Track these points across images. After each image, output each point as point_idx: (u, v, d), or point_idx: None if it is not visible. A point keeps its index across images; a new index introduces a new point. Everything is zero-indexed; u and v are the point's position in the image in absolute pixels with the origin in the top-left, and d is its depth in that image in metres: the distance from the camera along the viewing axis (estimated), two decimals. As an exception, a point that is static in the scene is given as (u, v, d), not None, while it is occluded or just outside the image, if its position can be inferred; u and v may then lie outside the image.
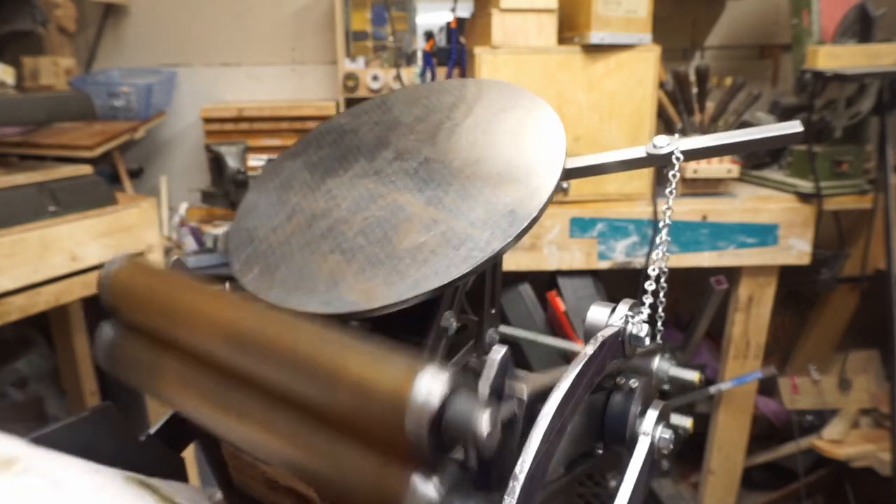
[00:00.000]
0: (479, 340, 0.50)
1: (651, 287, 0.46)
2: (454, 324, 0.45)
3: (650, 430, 0.42)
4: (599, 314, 0.41)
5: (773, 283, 1.48)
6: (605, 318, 0.40)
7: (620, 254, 1.41)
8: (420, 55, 1.81)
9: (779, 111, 1.62)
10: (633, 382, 0.43)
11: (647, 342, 0.41)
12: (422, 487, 0.31)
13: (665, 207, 0.48)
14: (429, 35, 1.82)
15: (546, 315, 1.47)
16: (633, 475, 0.41)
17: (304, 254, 0.44)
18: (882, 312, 1.42)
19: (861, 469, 1.62)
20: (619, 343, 0.40)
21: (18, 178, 1.12)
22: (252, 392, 0.37)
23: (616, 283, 1.65)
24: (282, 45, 2.04)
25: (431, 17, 1.85)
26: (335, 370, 0.33)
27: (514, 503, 0.31)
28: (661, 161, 0.48)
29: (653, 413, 0.43)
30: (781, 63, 2.03)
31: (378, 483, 0.33)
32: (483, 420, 0.30)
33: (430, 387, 0.30)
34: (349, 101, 1.86)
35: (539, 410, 0.34)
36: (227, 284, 0.51)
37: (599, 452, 0.46)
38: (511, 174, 0.44)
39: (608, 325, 0.40)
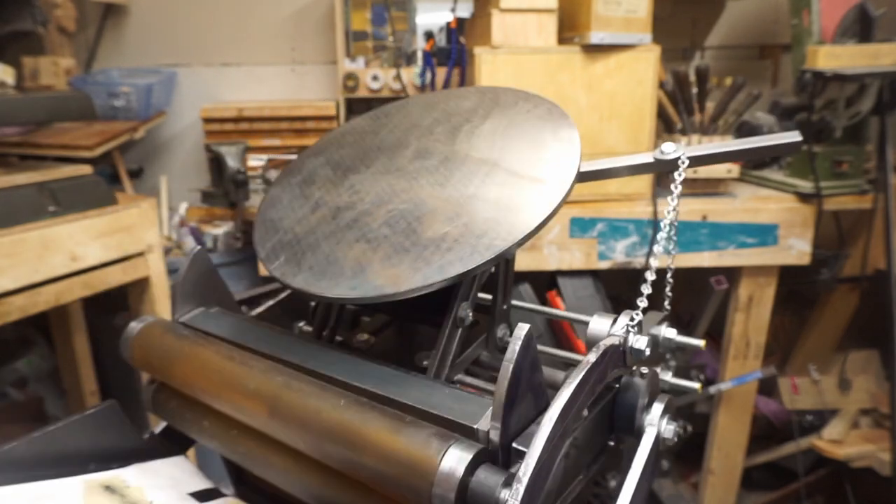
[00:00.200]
0: (491, 335, 0.51)
1: (652, 278, 0.47)
2: (470, 314, 0.47)
3: (656, 422, 0.44)
4: (601, 324, 0.42)
5: (773, 283, 1.48)
6: (607, 329, 0.41)
7: (620, 254, 1.41)
8: (420, 55, 1.81)
9: (779, 111, 1.62)
10: (643, 370, 0.44)
11: (648, 352, 0.42)
12: None
13: (670, 209, 0.48)
14: (429, 35, 1.82)
15: (546, 314, 1.46)
16: (639, 466, 0.42)
17: (330, 243, 0.45)
18: (882, 312, 1.42)
19: (861, 469, 1.62)
20: (621, 353, 0.41)
21: (18, 178, 1.12)
22: (288, 452, 0.42)
23: (616, 283, 1.65)
24: (282, 45, 2.04)
25: (431, 17, 1.85)
26: (372, 442, 0.36)
27: None
28: (668, 167, 0.50)
29: (658, 406, 0.45)
30: (781, 63, 2.03)
31: None
32: (505, 495, 0.32)
33: (458, 458, 0.33)
34: (349, 102, 1.86)
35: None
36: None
37: (611, 444, 0.47)
38: (528, 174, 0.45)
39: (610, 335, 0.41)
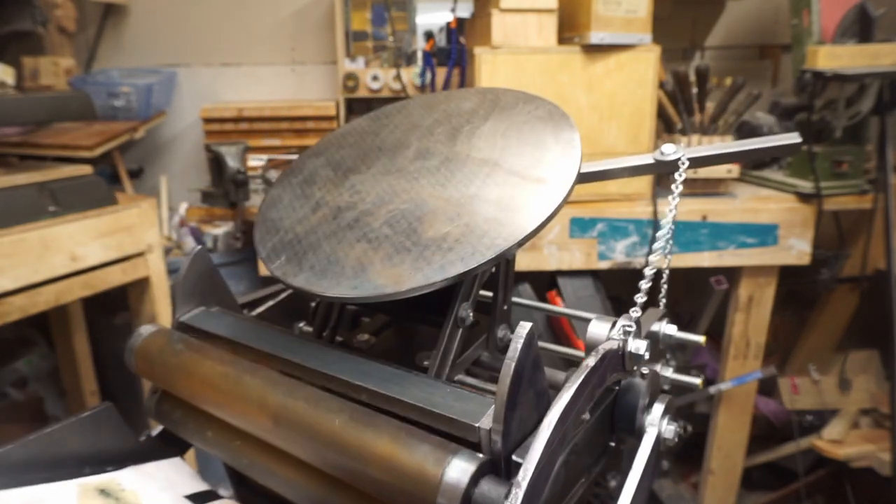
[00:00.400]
0: (492, 336, 0.51)
1: (648, 285, 0.47)
2: (471, 315, 0.47)
3: (657, 423, 0.44)
4: (600, 328, 0.42)
5: (773, 283, 1.48)
6: (606, 332, 0.41)
7: (620, 254, 1.41)
8: (420, 55, 1.80)
9: (779, 111, 1.62)
10: (644, 370, 0.44)
11: (647, 356, 0.42)
12: None
13: (669, 209, 0.49)
14: (429, 35, 1.82)
15: (546, 315, 1.47)
16: (640, 466, 0.43)
17: (331, 242, 0.46)
18: (882, 312, 1.42)
19: (861, 469, 1.62)
20: (620, 356, 0.41)
21: (18, 178, 1.13)
22: (292, 462, 0.42)
23: (616, 283, 1.65)
24: (282, 45, 2.04)
25: (431, 17, 1.85)
26: (376, 453, 0.37)
27: None
28: (669, 168, 0.50)
29: (659, 406, 0.45)
30: (781, 63, 2.03)
31: None
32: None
33: (462, 469, 0.34)
34: (349, 102, 1.86)
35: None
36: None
37: (612, 445, 0.47)
38: (529, 174, 0.45)
39: (609, 339, 0.41)
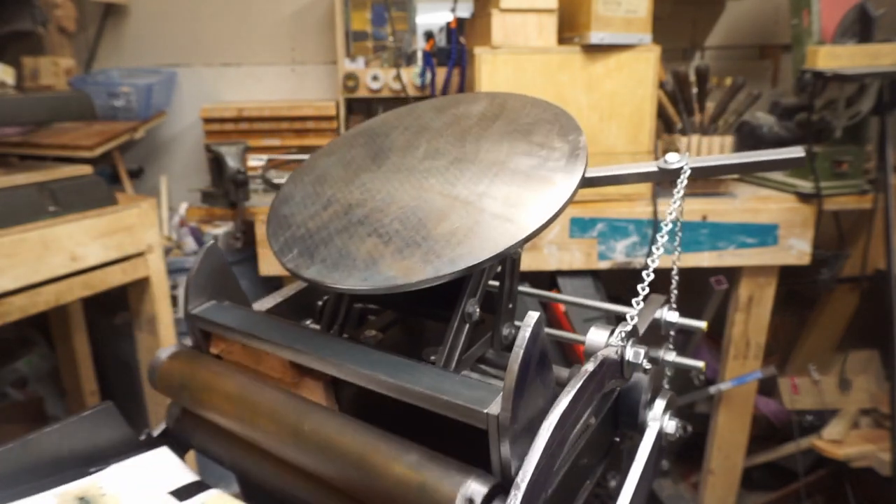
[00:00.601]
0: (496, 334, 0.52)
1: (646, 292, 0.48)
2: (477, 310, 0.48)
3: (659, 418, 0.45)
4: (599, 335, 0.42)
5: (773, 283, 1.48)
6: (605, 339, 0.42)
7: (620, 254, 1.41)
8: (420, 55, 1.81)
9: (779, 111, 1.62)
10: (647, 365, 0.45)
11: (645, 363, 0.43)
12: None
13: (669, 212, 0.49)
14: (429, 35, 1.82)
15: (546, 315, 1.47)
16: (642, 461, 0.44)
17: (343, 237, 0.47)
18: (882, 312, 1.42)
19: (861, 469, 1.62)
20: (618, 363, 0.41)
21: (18, 178, 1.13)
22: (311, 478, 0.44)
23: (616, 283, 1.65)
24: (282, 45, 2.04)
25: (431, 17, 1.85)
26: (392, 474, 0.38)
27: None
28: (672, 176, 0.52)
29: (661, 402, 0.46)
30: (781, 63, 2.03)
31: None
32: None
33: (474, 490, 0.35)
34: (349, 102, 1.86)
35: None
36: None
37: (616, 440, 0.48)
38: (535, 176, 0.47)
39: (608, 345, 0.41)
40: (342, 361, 0.43)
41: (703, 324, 0.52)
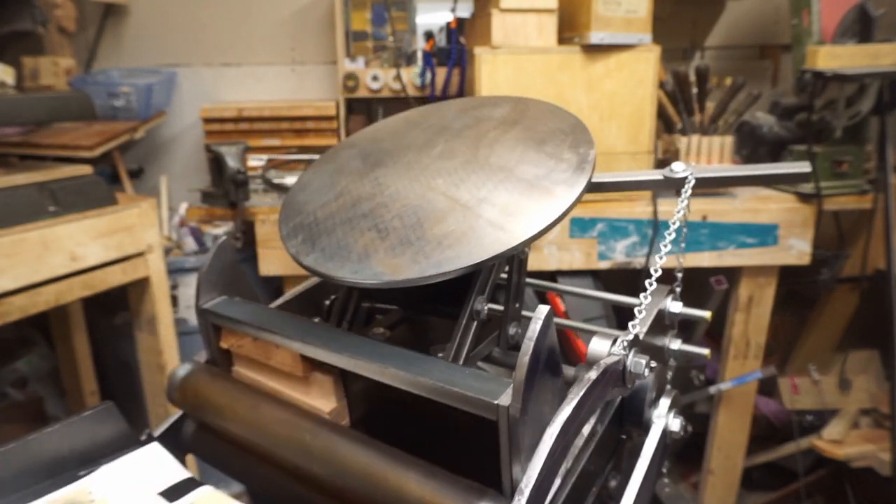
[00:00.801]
0: (503, 333, 0.53)
1: (648, 300, 0.48)
2: (485, 308, 0.49)
3: (664, 416, 0.46)
4: (601, 345, 0.43)
5: (773, 283, 1.48)
6: (607, 349, 0.42)
7: (620, 254, 1.41)
8: (420, 55, 1.81)
9: (779, 111, 1.62)
10: (652, 363, 0.45)
11: (647, 373, 0.43)
12: None
13: (673, 221, 0.50)
14: (429, 35, 1.82)
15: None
16: (647, 458, 0.44)
17: (345, 229, 0.49)
18: (882, 312, 1.42)
19: (861, 469, 1.62)
20: (620, 371, 0.42)
21: (18, 178, 1.13)
22: (324, 491, 0.44)
23: (616, 283, 1.65)
24: (282, 45, 2.04)
25: (431, 17, 1.85)
26: (408, 492, 0.38)
27: None
28: (677, 185, 0.53)
29: (665, 401, 0.47)
30: (781, 63, 2.03)
31: None
32: None
33: None
34: (349, 102, 1.86)
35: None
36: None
37: (623, 438, 0.49)
38: (538, 186, 0.47)
39: (610, 354, 0.42)
40: (353, 354, 0.43)
41: (707, 313, 0.53)
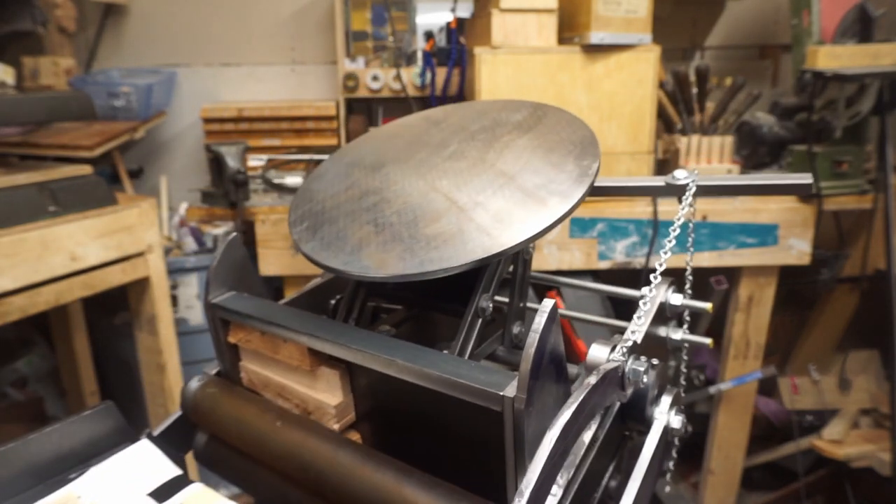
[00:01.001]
0: (507, 331, 0.53)
1: (648, 306, 0.49)
2: (490, 306, 0.49)
3: (665, 413, 0.47)
4: (600, 352, 0.43)
5: (773, 283, 1.48)
6: (607, 355, 0.43)
7: (620, 254, 1.41)
8: (420, 55, 1.81)
9: (779, 111, 1.62)
10: (653, 361, 0.46)
11: (645, 379, 0.43)
12: None
13: (674, 228, 0.51)
14: (429, 35, 1.82)
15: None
16: (648, 456, 0.45)
17: (347, 220, 0.50)
18: (882, 312, 1.42)
19: (861, 469, 1.62)
20: (619, 377, 0.42)
21: (18, 178, 1.13)
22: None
23: (616, 284, 1.65)
24: (282, 45, 2.05)
25: (431, 17, 1.85)
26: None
27: None
28: (679, 191, 0.53)
29: (667, 398, 0.47)
30: (781, 63, 2.03)
31: None
32: None
33: None
34: (349, 102, 1.86)
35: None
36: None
37: (626, 434, 0.49)
38: (534, 195, 0.48)
39: (609, 360, 0.42)
40: (361, 348, 0.43)
41: (708, 305, 0.53)
